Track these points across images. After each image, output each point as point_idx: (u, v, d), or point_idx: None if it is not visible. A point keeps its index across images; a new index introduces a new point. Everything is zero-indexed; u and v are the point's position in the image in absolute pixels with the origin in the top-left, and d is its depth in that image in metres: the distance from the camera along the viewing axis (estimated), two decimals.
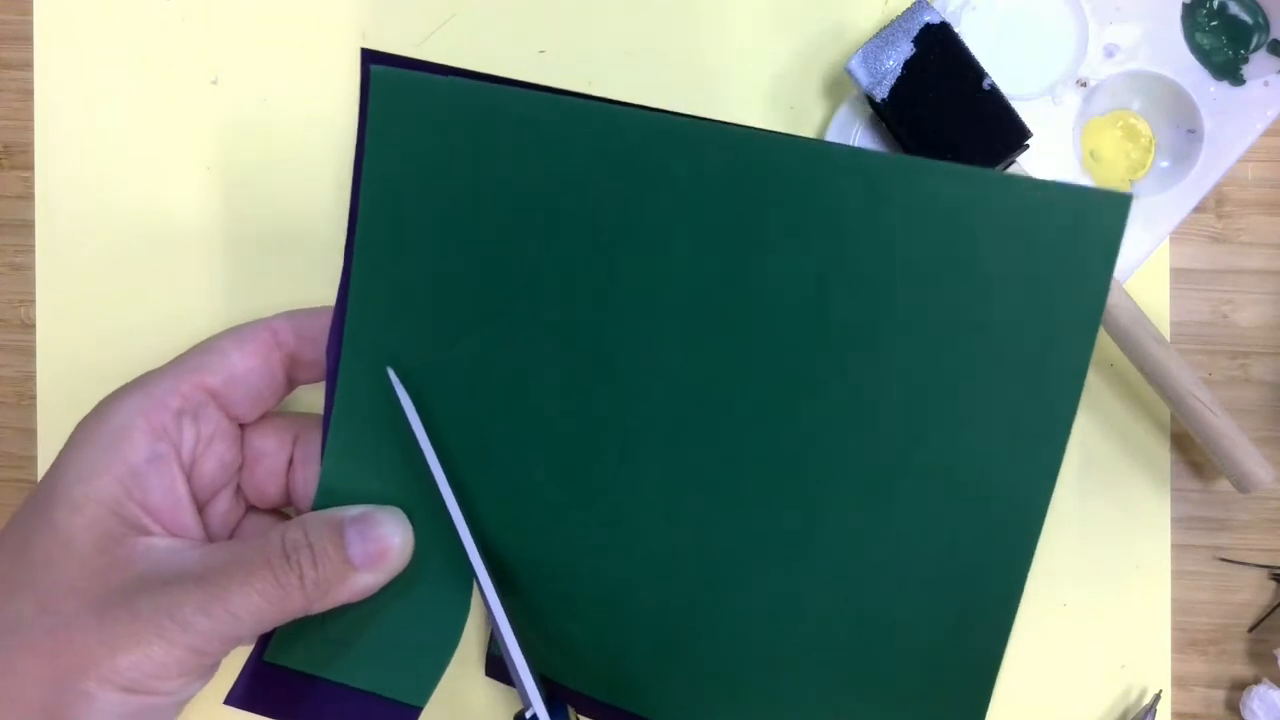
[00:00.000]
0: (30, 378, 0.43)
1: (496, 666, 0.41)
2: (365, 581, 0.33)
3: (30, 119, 0.43)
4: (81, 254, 0.43)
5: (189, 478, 0.35)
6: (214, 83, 0.43)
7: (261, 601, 0.31)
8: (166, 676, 0.31)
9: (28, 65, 0.43)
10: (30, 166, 0.43)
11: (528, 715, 0.35)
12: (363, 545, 0.33)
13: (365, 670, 0.36)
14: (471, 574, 0.35)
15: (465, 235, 0.34)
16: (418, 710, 0.36)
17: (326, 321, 0.36)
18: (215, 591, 0.31)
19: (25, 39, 0.43)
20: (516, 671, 0.34)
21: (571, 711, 0.37)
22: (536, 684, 0.35)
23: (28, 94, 0.43)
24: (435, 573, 0.36)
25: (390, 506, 0.35)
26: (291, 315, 0.37)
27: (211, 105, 0.43)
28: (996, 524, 0.32)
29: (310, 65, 0.43)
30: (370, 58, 0.34)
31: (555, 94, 0.33)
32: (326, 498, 0.36)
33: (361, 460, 0.36)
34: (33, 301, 0.43)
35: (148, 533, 0.33)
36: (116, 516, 0.32)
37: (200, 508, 0.35)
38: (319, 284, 0.42)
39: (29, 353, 0.43)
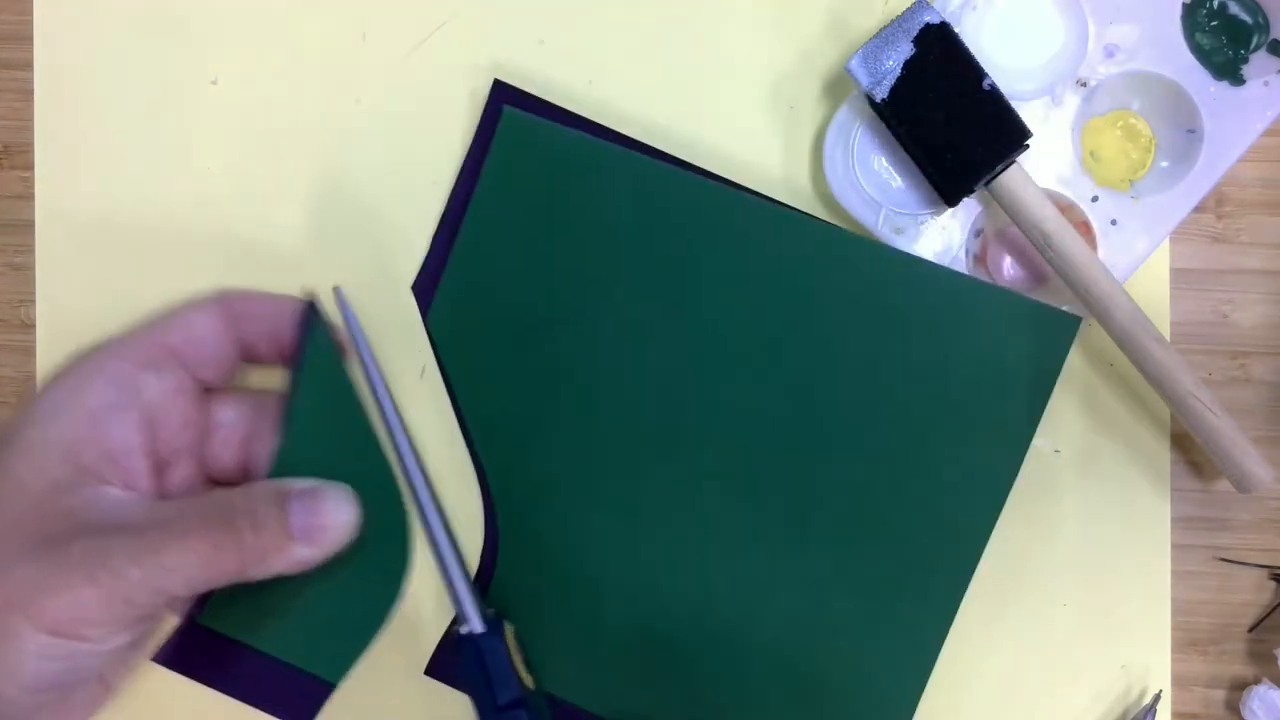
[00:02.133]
0: (30, 378, 0.43)
1: (439, 664, 0.41)
2: (303, 554, 0.33)
3: (30, 119, 0.43)
4: (81, 254, 0.43)
5: (152, 430, 0.35)
6: (214, 83, 0.43)
7: (195, 559, 0.31)
8: (93, 623, 0.31)
9: (28, 65, 0.43)
10: (30, 166, 0.43)
11: (462, 630, 0.35)
12: (305, 519, 0.33)
13: (291, 642, 0.37)
14: (409, 557, 0.37)
15: (541, 261, 0.40)
16: (332, 687, 0.37)
17: (265, 306, 0.37)
18: (150, 543, 0.31)
19: (25, 39, 0.43)
20: (451, 579, 0.36)
21: (509, 630, 0.37)
22: (472, 596, 0.36)
23: (28, 94, 0.43)
24: (376, 554, 0.37)
25: (339, 483, 0.35)
26: (234, 292, 0.38)
27: (211, 105, 0.43)
28: (933, 570, 0.39)
29: (310, 66, 0.43)
30: (502, 94, 0.41)
31: (656, 158, 0.40)
32: (281, 469, 0.36)
33: (320, 434, 0.37)
34: (33, 301, 0.43)
35: (102, 481, 0.33)
36: (70, 462, 0.32)
37: (161, 469, 0.36)
38: (318, 284, 0.42)
39: (29, 353, 0.43)
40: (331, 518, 0.34)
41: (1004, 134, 0.38)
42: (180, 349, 0.36)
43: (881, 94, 0.38)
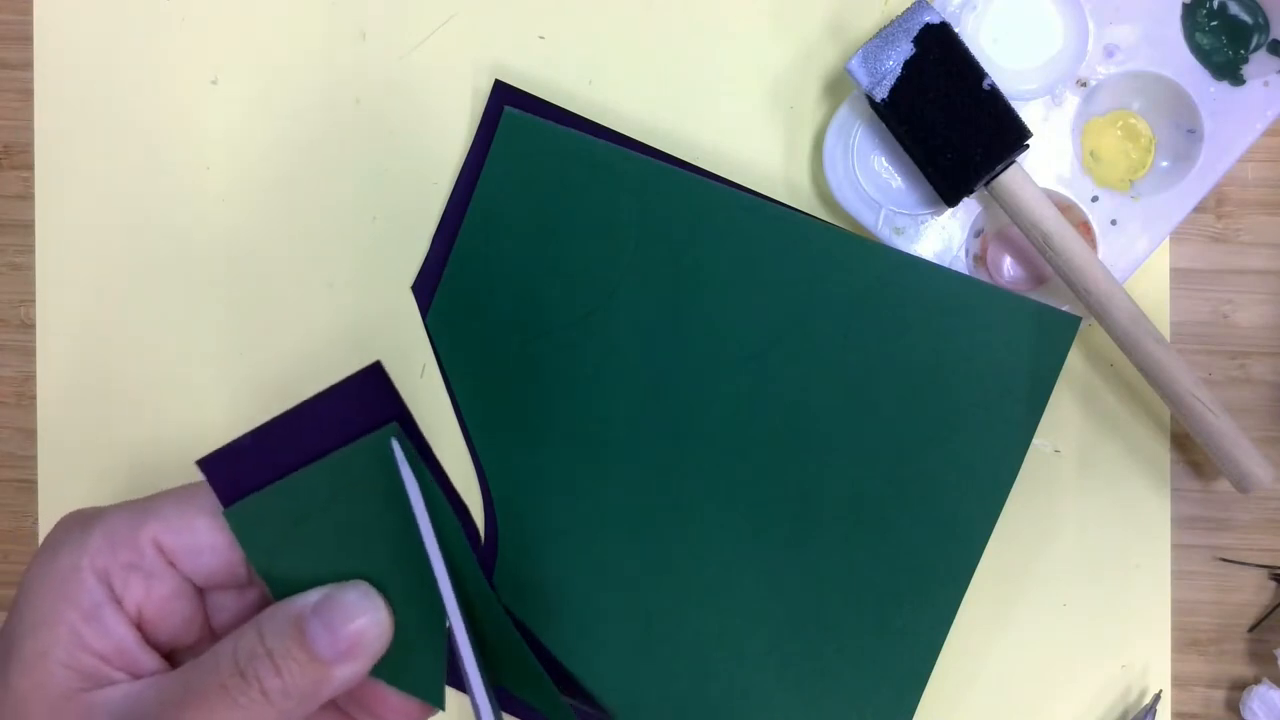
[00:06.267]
0: (30, 378, 0.43)
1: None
2: (345, 673, 0.29)
3: (30, 119, 0.43)
4: (81, 254, 0.43)
5: (150, 626, 0.31)
6: (214, 83, 0.43)
7: None
8: None
9: (28, 65, 0.43)
10: (30, 166, 0.43)
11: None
12: (330, 637, 0.29)
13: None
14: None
15: (541, 261, 0.41)
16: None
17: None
18: None
19: (25, 39, 0.43)
20: (470, 681, 0.31)
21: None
22: (489, 696, 0.32)
23: (28, 94, 0.43)
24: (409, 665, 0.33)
25: (355, 581, 0.31)
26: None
27: (211, 105, 0.43)
28: (933, 570, 0.40)
29: (310, 65, 0.43)
30: (503, 94, 0.41)
31: (657, 158, 0.41)
32: (284, 586, 0.31)
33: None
34: (33, 301, 0.43)
35: (106, 681, 0.30)
36: (69, 670, 0.29)
37: (170, 655, 0.32)
38: (317, 284, 0.42)
39: (29, 353, 0.43)
40: (359, 624, 0.29)
41: (1004, 134, 0.38)
42: (177, 555, 0.31)
43: (881, 94, 0.38)
